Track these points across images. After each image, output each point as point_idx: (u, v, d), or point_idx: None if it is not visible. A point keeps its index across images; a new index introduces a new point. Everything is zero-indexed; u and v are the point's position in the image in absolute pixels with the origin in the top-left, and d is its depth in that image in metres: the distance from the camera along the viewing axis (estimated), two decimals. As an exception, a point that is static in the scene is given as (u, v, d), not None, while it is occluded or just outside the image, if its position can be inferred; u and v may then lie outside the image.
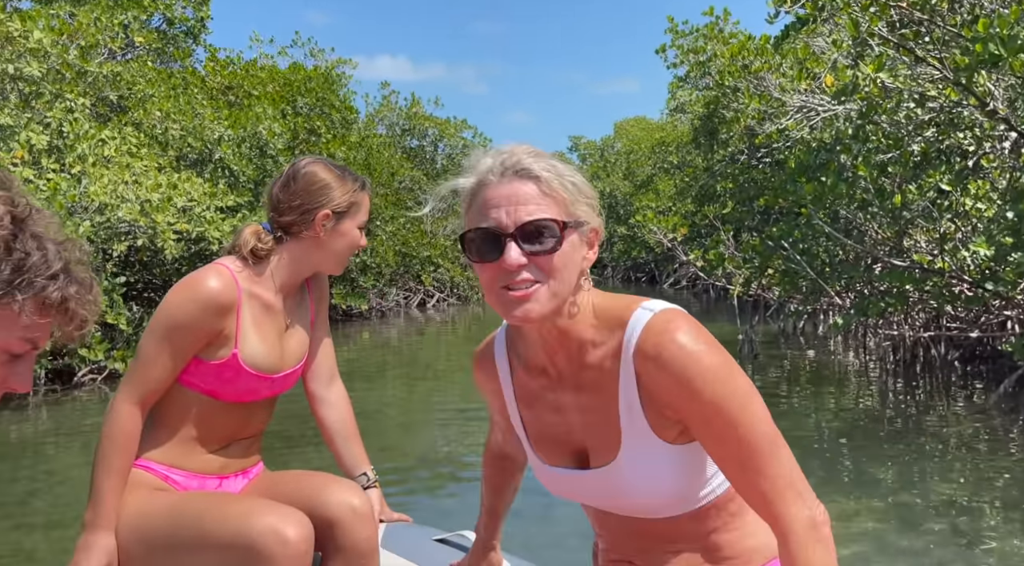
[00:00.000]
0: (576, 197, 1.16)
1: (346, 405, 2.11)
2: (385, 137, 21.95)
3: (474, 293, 22.14)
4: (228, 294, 1.78)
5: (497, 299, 1.16)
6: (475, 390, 1.49)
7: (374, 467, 2.11)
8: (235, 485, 1.93)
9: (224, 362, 1.80)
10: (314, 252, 1.90)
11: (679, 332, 1.14)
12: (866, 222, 7.80)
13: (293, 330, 1.95)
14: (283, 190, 1.88)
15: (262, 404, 1.93)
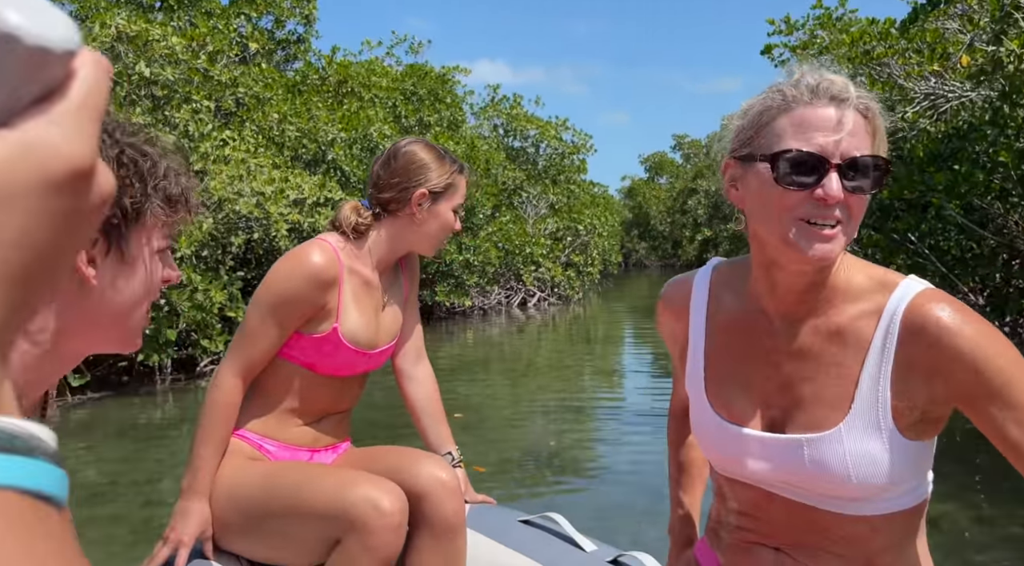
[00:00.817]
0: (884, 139, 1.08)
1: (432, 384, 2.12)
2: (489, 139, 22.13)
3: (575, 293, 21.99)
4: (331, 269, 1.80)
5: (793, 231, 1.04)
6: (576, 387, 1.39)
7: (459, 448, 2.10)
8: (325, 459, 1.95)
9: (324, 336, 1.83)
10: (409, 231, 1.91)
11: (956, 306, 1.05)
12: (1005, 213, 7.23)
13: (389, 307, 1.98)
14: (383, 167, 1.91)
15: (356, 380, 1.96)
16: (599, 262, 23.15)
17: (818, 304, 1.12)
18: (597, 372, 10.19)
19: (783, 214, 1.04)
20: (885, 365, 1.06)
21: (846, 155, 1.02)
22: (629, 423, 6.41)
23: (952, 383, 1.03)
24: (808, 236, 1.04)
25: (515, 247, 18.01)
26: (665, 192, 54.02)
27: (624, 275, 44.18)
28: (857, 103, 1.04)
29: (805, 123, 1.04)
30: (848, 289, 1.11)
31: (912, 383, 1.05)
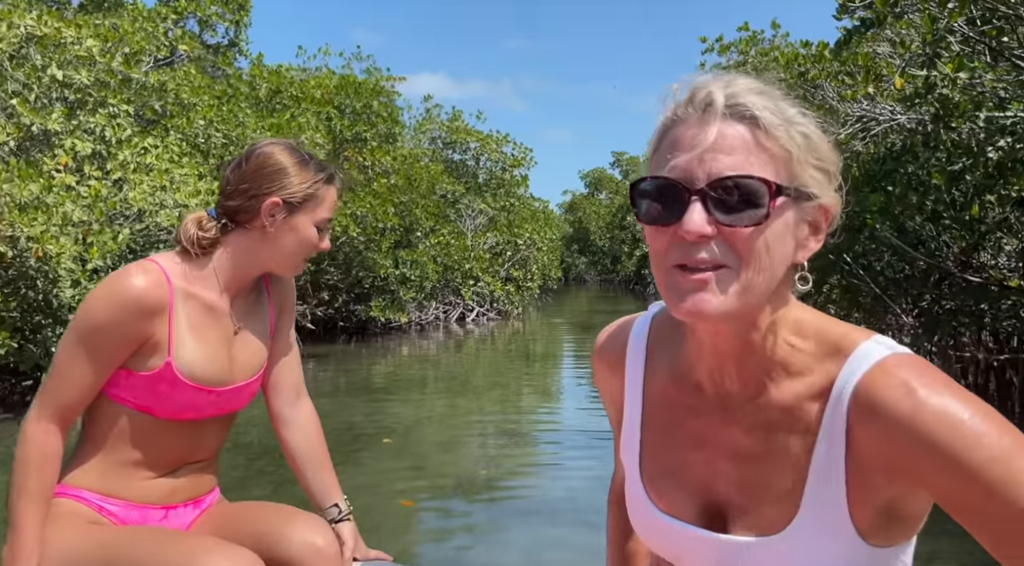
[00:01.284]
0: (804, 155, 0.83)
1: (314, 426, 1.88)
2: (428, 150, 21.89)
3: (514, 307, 21.83)
4: (155, 293, 1.56)
5: (665, 280, 0.84)
6: (514, 408, 1.16)
7: (347, 498, 1.89)
8: (184, 516, 1.71)
9: (157, 373, 1.57)
10: (261, 247, 1.66)
11: (927, 378, 0.80)
12: (937, 235, 7.31)
13: (245, 337, 1.72)
14: (234, 171, 1.66)
15: (212, 423, 1.70)
16: (539, 276, 23.06)
17: (756, 377, 0.90)
18: (535, 392, 10.00)
19: (660, 260, 0.84)
20: (836, 457, 0.84)
21: (713, 176, 0.79)
22: (567, 447, 6.22)
23: (921, 483, 0.81)
24: (673, 285, 0.83)
25: (454, 261, 17.77)
26: (605, 208, 54.56)
27: (564, 290, 44.30)
28: (736, 110, 0.81)
29: (675, 142, 0.83)
30: (791, 358, 0.88)
31: (871, 478, 0.83)
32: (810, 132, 0.84)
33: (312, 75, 15.61)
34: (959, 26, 5.47)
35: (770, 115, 0.81)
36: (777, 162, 0.81)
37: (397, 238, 15.07)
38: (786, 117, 0.83)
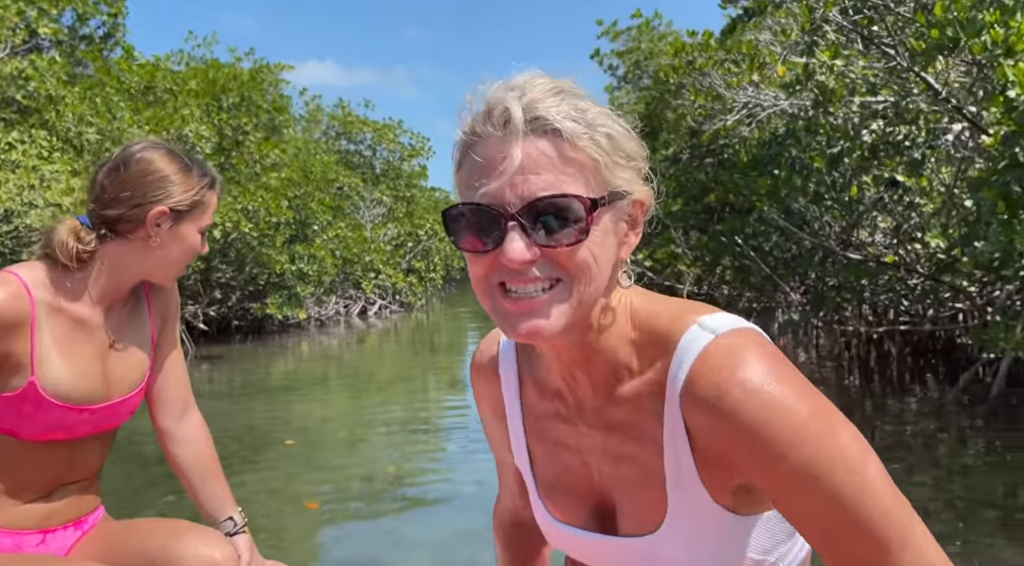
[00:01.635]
0: (612, 157, 0.80)
1: (204, 440, 1.80)
2: (321, 143, 21.36)
3: (417, 299, 21.66)
4: (14, 308, 1.45)
5: (492, 306, 0.82)
6: (420, 400, 1.12)
7: (242, 510, 1.82)
8: (64, 539, 1.62)
9: (20, 393, 1.48)
10: (143, 257, 1.58)
11: (748, 365, 0.79)
12: (820, 216, 7.66)
13: (122, 351, 1.63)
14: (110, 177, 1.55)
15: (90, 441, 1.61)
16: (442, 267, 22.95)
17: (603, 380, 0.89)
18: (441, 384, 9.94)
19: (483, 286, 0.82)
20: (684, 452, 0.84)
21: (527, 199, 0.77)
22: (475, 440, 6.19)
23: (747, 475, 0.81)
24: (504, 311, 0.81)
25: (353, 255, 17.44)
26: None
27: (465, 279, 44.31)
28: (537, 125, 0.77)
29: (479, 167, 0.79)
30: (632, 357, 0.88)
31: (716, 468, 0.84)
32: (613, 132, 0.81)
33: (196, 66, 14.92)
34: (834, 16, 5.73)
35: (572, 124, 0.78)
36: (587, 172, 0.78)
37: (292, 232, 14.65)
38: (588, 121, 0.80)
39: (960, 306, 8.10)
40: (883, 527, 0.76)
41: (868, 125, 7.23)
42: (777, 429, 0.76)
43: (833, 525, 0.77)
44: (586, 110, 0.80)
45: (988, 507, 4.18)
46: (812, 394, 0.79)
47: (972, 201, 5.60)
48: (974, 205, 5.62)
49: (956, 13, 5.02)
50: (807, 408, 0.77)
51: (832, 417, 0.78)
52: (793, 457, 0.76)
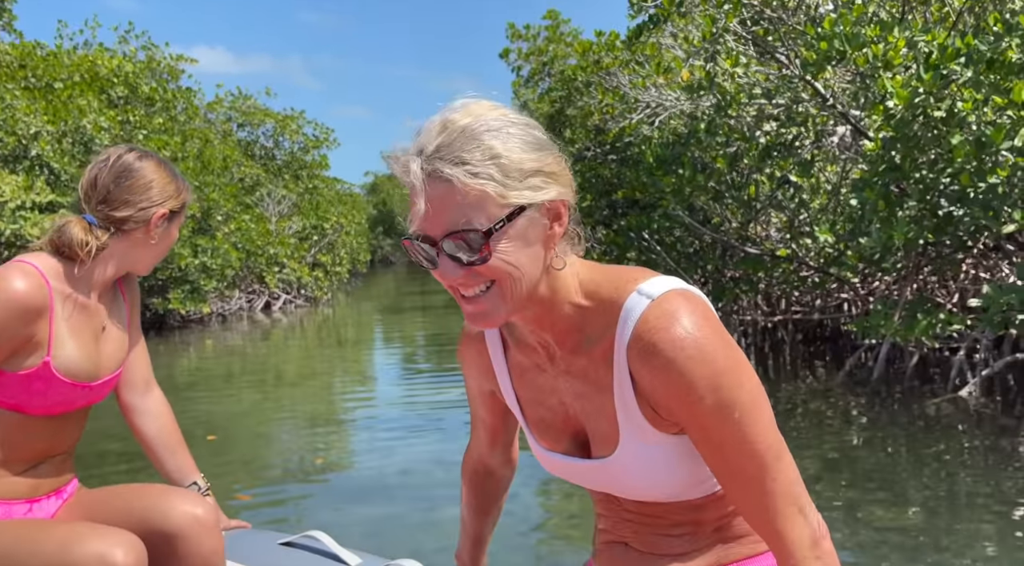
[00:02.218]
0: (507, 181, 0.95)
1: (167, 413, 1.98)
2: (217, 133, 20.73)
3: (323, 293, 21.39)
4: (38, 296, 1.61)
5: (458, 303, 1.05)
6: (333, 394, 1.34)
7: (204, 475, 2.00)
8: (47, 507, 1.76)
9: (34, 372, 1.62)
10: (139, 251, 1.78)
11: (678, 326, 0.99)
12: (721, 212, 8.12)
13: (110, 333, 1.81)
14: (117, 183, 1.74)
15: (74, 416, 1.77)
16: (347, 261, 22.72)
17: (561, 337, 1.10)
18: (353, 378, 9.95)
19: (449, 290, 1.04)
20: (628, 395, 1.05)
21: (440, 235, 0.96)
22: (392, 430, 6.31)
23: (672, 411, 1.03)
24: (464, 309, 1.03)
25: (257, 247, 17.08)
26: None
27: (371, 272, 43.80)
28: (434, 175, 0.95)
29: (412, 202, 0.99)
30: (583, 319, 1.07)
31: (659, 410, 1.05)
32: (505, 158, 0.95)
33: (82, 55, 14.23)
34: (734, 26, 6.13)
35: (460, 171, 0.94)
36: (484, 202, 0.94)
37: (194, 225, 14.24)
38: (476, 161, 0.94)
39: (845, 296, 8.76)
40: (765, 455, 1.01)
41: (762, 127, 7.73)
42: (698, 379, 0.98)
43: (729, 453, 1.01)
44: (475, 150, 0.95)
45: (867, 477, 4.64)
46: (727, 347, 1.00)
47: (856, 200, 6.11)
48: (858, 204, 6.13)
49: (843, 27, 5.48)
50: (722, 361, 0.99)
51: (741, 370, 1.01)
52: (709, 401, 0.98)
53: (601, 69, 11.12)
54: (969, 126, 5.29)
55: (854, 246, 6.55)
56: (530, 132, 0.99)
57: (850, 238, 6.55)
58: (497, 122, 0.97)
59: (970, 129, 5.28)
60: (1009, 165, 4.96)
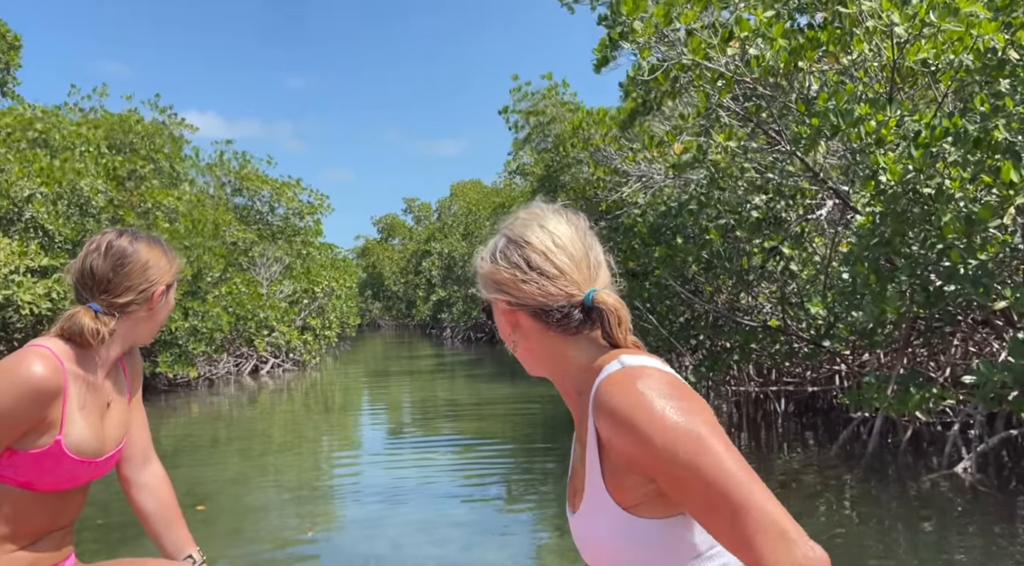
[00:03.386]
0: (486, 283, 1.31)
1: (166, 487, 2.00)
2: (215, 197, 20.88)
3: (311, 357, 21.22)
4: (54, 379, 1.66)
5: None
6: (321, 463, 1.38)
7: (200, 549, 2.00)
8: None
9: (45, 450, 1.66)
10: (146, 325, 1.86)
11: (637, 381, 1.11)
12: (712, 282, 8.19)
13: (113, 408, 1.85)
14: (116, 271, 1.80)
15: (78, 491, 1.80)
16: (337, 325, 22.63)
17: (570, 398, 1.29)
18: (340, 445, 9.81)
19: None
20: (594, 455, 1.16)
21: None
22: (380, 501, 6.19)
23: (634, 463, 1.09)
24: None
25: (247, 311, 17.00)
26: (399, 253, 54.62)
27: (359, 335, 43.58)
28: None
29: None
30: (580, 383, 1.25)
31: (618, 465, 1.12)
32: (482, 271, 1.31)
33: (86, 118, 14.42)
34: (727, 102, 6.30)
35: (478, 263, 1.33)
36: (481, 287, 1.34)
37: (185, 288, 14.19)
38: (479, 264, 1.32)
39: (837, 369, 8.77)
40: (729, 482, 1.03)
41: (752, 200, 7.87)
42: (646, 422, 1.05)
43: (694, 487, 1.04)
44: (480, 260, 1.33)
45: (863, 554, 4.57)
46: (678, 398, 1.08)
47: (847, 274, 6.18)
48: (849, 277, 6.20)
49: (836, 104, 5.64)
50: (671, 405, 1.07)
51: (693, 411, 1.07)
52: (658, 438, 1.04)
53: (591, 145, 11.33)
54: (957, 203, 5.40)
55: (846, 319, 6.59)
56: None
57: (842, 311, 6.59)
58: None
59: (958, 206, 5.39)
60: (998, 242, 5.05)
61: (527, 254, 1.26)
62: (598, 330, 1.26)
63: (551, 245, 1.26)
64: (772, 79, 6.12)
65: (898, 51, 6.02)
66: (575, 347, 1.26)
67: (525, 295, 1.26)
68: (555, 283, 1.25)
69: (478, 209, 35.68)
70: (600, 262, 1.31)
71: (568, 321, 1.25)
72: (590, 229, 1.34)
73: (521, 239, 1.27)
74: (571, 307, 1.25)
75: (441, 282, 37.91)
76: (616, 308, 1.24)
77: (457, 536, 5.17)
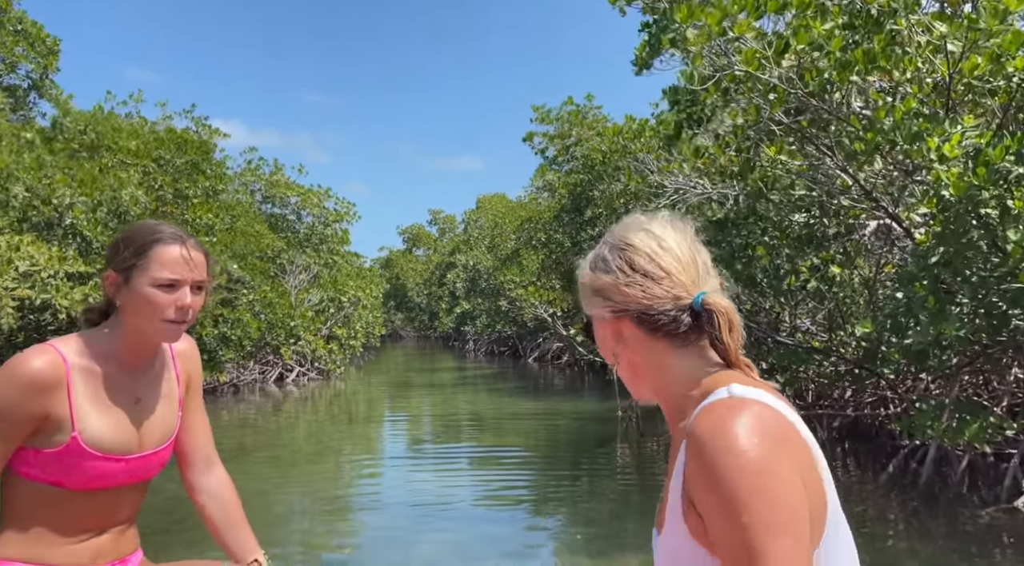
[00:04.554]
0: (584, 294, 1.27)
1: (229, 491, 2.00)
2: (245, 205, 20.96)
3: (336, 367, 21.15)
4: (50, 372, 1.64)
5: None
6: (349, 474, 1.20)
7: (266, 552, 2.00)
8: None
9: (64, 448, 1.65)
10: (126, 318, 1.74)
11: (727, 419, 1.02)
12: (755, 300, 7.96)
13: (147, 406, 1.79)
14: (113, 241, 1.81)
15: (126, 490, 1.77)
16: (362, 334, 22.55)
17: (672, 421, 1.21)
18: (366, 457, 9.67)
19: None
20: (678, 478, 1.09)
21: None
22: (414, 516, 6.02)
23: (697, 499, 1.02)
24: None
25: (278, 319, 16.96)
26: (423, 264, 54.64)
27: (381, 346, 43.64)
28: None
29: None
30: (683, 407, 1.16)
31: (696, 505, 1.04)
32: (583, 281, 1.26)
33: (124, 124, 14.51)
34: (779, 116, 6.10)
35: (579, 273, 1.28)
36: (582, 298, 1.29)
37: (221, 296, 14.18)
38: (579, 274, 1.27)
39: (881, 393, 8.49)
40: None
41: (793, 216, 7.64)
42: (717, 468, 0.98)
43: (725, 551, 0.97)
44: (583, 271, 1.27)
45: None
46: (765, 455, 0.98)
47: (902, 294, 5.94)
48: (904, 298, 5.96)
49: (895, 119, 5.43)
50: (751, 462, 0.97)
51: (770, 481, 0.97)
52: (719, 494, 0.97)
53: (629, 154, 11.16)
54: (1021, 223, 5.16)
55: (897, 342, 6.34)
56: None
57: (893, 333, 6.34)
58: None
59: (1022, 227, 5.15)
60: (1070, 265, 4.80)
61: (630, 256, 1.20)
62: (706, 342, 1.18)
63: (656, 247, 1.20)
64: (826, 94, 5.91)
65: (953, 65, 5.81)
66: (683, 359, 1.19)
67: (628, 299, 1.19)
68: (661, 285, 1.19)
69: (504, 222, 35.57)
70: (709, 267, 1.23)
71: (675, 326, 1.18)
72: (695, 235, 1.26)
73: (623, 242, 1.22)
74: (678, 311, 1.18)
75: (465, 294, 37.78)
76: (728, 311, 1.16)
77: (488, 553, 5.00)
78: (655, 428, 10.78)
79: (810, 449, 1.10)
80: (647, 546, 1.23)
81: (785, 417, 1.08)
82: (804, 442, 1.09)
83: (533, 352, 27.08)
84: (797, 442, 1.07)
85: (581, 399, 15.22)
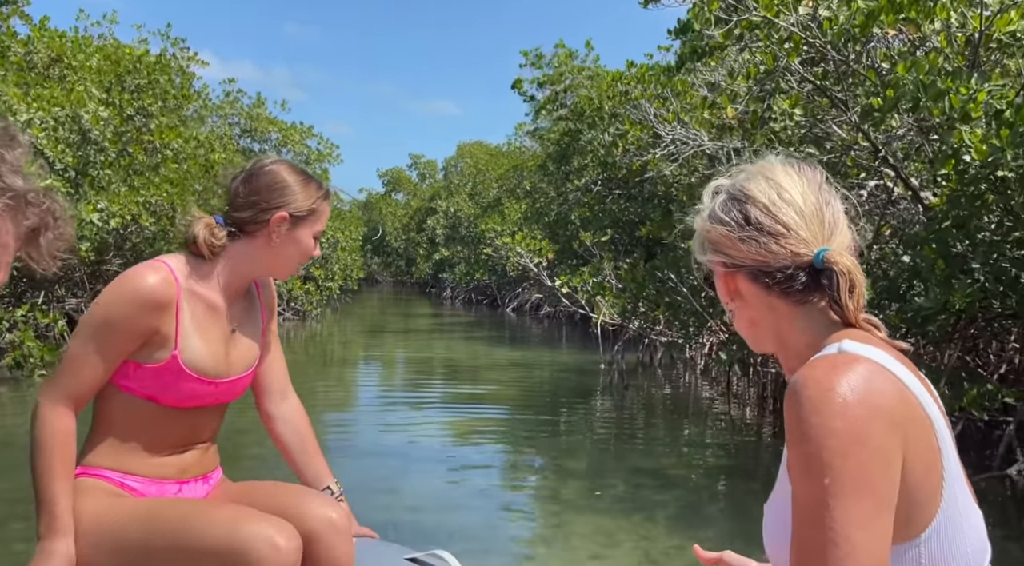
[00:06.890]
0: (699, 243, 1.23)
1: (302, 418, 2.07)
2: (222, 136, 20.31)
3: (313, 308, 20.86)
4: (165, 291, 1.71)
5: None
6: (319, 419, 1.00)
7: (338, 480, 2.06)
8: (196, 490, 1.87)
9: (164, 365, 1.73)
10: (265, 255, 1.84)
11: (827, 373, 0.99)
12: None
13: (241, 336, 1.90)
14: (244, 184, 1.83)
15: (210, 411, 1.87)
16: (340, 277, 22.22)
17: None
18: (346, 401, 9.51)
19: None
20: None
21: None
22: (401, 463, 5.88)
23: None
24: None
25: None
26: (402, 209, 54.00)
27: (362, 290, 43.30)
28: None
29: None
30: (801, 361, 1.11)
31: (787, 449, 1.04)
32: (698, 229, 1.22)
33: (100, 46, 13.81)
34: (795, 65, 5.83)
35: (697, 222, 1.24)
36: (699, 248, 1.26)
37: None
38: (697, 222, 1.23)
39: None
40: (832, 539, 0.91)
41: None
42: (804, 423, 0.96)
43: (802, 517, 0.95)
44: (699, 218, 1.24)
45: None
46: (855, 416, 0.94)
47: (909, 258, 5.79)
48: (911, 261, 5.80)
49: (917, 74, 5.19)
50: (839, 422, 0.94)
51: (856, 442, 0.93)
52: (806, 448, 0.95)
53: (629, 100, 10.82)
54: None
55: (899, 307, 6.21)
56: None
57: (895, 298, 6.21)
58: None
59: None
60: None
61: (747, 209, 1.14)
62: (826, 301, 1.12)
63: (776, 198, 1.13)
64: (845, 44, 5.64)
65: (986, 21, 5.56)
66: (803, 319, 1.15)
67: (743, 255, 1.15)
68: (778, 241, 1.13)
69: (487, 169, 35.06)
70: (838, 221, 1.15)
71: (792, 284, 1.13)
72: (827, 183, 1.18)
73: (742, 193, 1.16)
74: (796, 268, 1.12)
75: (445, 241, 37.39)
76: (850, 270, 1.10)
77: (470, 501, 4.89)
78: (640, 381, 10.69)
79: (927, 418, 1.01)
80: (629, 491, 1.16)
81: (899, 380, 1.01)
82: (919, 409, 1.01)
83: (512, 302, 26.92)
84: (905, 409, 0.99)
85: (561, 350, 15.13)
